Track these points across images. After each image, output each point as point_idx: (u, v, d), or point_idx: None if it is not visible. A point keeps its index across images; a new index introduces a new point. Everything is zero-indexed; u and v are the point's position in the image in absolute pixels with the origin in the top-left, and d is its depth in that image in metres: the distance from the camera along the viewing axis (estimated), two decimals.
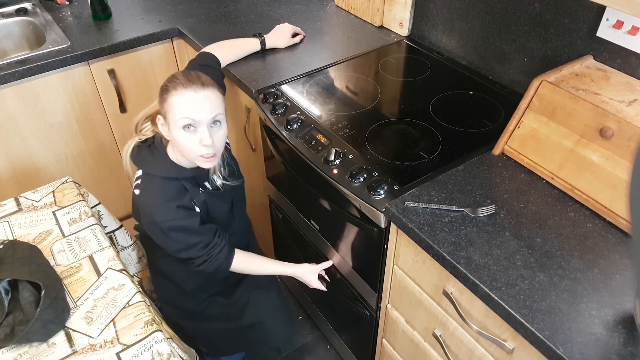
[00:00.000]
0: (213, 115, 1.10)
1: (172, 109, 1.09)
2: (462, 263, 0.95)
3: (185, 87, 1.09)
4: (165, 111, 1.11)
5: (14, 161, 1.75)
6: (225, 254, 1.24)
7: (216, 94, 1.13)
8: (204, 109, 1.09)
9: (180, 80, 1.10)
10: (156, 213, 1.15)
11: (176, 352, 1.07)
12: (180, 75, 1.11)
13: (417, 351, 1.26)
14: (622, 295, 0.89)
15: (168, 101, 1.09)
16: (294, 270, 1.39)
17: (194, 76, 1.11)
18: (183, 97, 1.08)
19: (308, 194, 1.42)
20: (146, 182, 1.18)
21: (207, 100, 1.10)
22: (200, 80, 1.11)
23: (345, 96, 1.45)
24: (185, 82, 1.09)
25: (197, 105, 1.09)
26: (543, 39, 1.31)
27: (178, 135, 1.10)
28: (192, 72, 1.13)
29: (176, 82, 1.10)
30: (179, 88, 1.09)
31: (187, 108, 1.08)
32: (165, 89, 1.10)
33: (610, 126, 1.02)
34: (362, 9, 1.80)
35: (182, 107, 1.08)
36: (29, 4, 1.90)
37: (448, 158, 1.21)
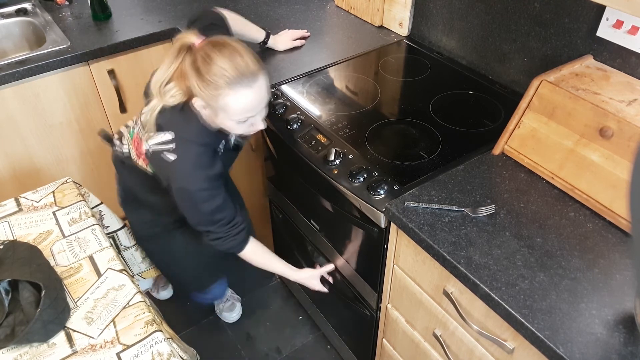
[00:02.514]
0: (266, 102, 1.09)
1: (227, 108, 1.05)
2: (462, 263, 0.95)
3: (240, 84, 1.03)
4: (213, 105, 1.06)
5: (14, 161, 1.75)
6: (242, 238, 1.25)
7: (264, 76, 1.07)
8: (260, 102, 1.07)
9: (230, 74, 1.02)
10: (192, 181, 1.13)
11: (176, 352, 1.07)
12: (227, 63, 1.02)
13: (418, 351, 1.26)
14: (623, 295, 0.89)
15: (219, 100, 1.04)
16: (298, 277, 1.40)
17: (241, 64, 1.03)
18: (239, 98, 1.04)
19: (308, 194, 1.42)
20: (183, 148, 1.13)
21: (261, 90, 1.07)
22: (249, 69, 1.04)
23: (345, 96, 1.45)
24: (237, 77, 1.02)
25: (254, 101, 1.06)
26: (543, 38, 1.31)
27: (230, 124, 1.09)
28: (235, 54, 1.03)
29: (227, 77, 1.02)
30: (234, 86, 1.03)
31: (245, 107, 1.05)
32: (214, 83, 1.02)
33: (610, 126, 1.02)
34: (362, 9, 1.80)
35: (239, 108, 1.05)
36: (28, 4, 1.90)
37: (448, 158, 1.21)
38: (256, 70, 1.05)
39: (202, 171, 1.14)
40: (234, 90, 1.03)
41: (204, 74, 1.03)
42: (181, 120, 1.13)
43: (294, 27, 1.78)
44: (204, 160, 1.14)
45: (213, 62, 1.02)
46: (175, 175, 1.15)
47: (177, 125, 1.13)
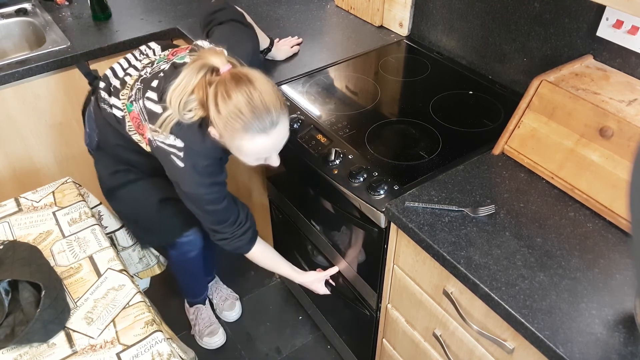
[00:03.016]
0: (284, 143, 1.08)
1: (241, 149, 1.04)
2: (462, 263, 0.95)
3: (257, 131, 1.00)
4: (227, 142, 1.05)
5: (14, 161, 1.75)
6: (248, 239, 1.26)
7: (284, 119, 1.04)
8: (277, 145, 1.07)
9: (248, 119, 0.99)
10: (199, 187, 1.14)
11: (176, 352, 1.07)
12: (247, 107, 0.98)
13: (418, 351, 1.26)
14: (623, 295, 0.89)
15: (234, 141, 1.02)
16: (303, 280, 1.41)
17: (262, 109, 0.99)
18: (254, 143, 1.02)
19: (308, 194, 1.42)
20: (192, 160, 1.12)
21: (279, 135, 1.04)
22: (269, 115, 1.00)
23: (345, 96, 1.45)
24: (255, 123, 0.99)
25: (270, 147, 1.05)
26: (543, 38, 1.31)
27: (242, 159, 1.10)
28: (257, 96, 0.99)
29: (244, 122, 0.99)
30: (250, 132, 1.00)
31: (260, 152, 1.05)
32: (230, 125, 1.00)
33: (610, 126, 1.02)
34: (362, 9, 1.80)
35: (253, 151, 1.05)
36: (28, 4, 1.90)
37: (448, 158, 1.21)
38: (276, 116, 1.02)
39: (209, 179, 1.15)
40: (250, 135, 1.01)
41: (222, 113, 1.00)
42: (196, 134, 1.10)
43: (293, 27, 1.78)
44: (212, 170, 1.15)
45: (232, 102, 0.99)
46: (183, 180, 1.15)
47: (190, 138, 1.11)
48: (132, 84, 1.22)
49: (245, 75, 1.01)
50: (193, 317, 1.88)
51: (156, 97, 1.13)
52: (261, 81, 1.01)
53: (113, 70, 1.28)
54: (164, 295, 1.95)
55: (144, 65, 1.24)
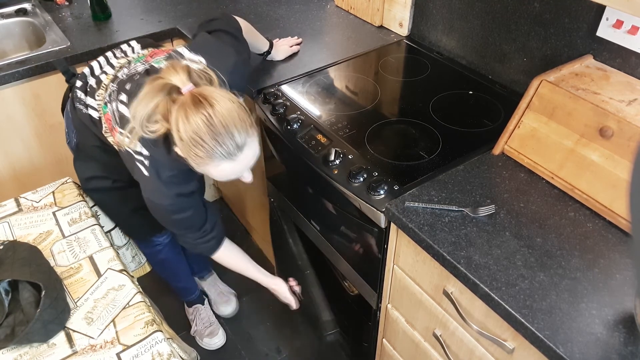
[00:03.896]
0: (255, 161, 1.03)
1: (208, 173, 1.01)
2: (462, 263, 0.95)
3: (221, 159, 0.96)
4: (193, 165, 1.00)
5: (14, 161, 1.75)
6: (211, 246, 1.28)
7: (252, 141, 0.99)
8: (245, 168, 1.02)
9: (210, 147, 0.93)
10: (163, 197, 1.12)
11: (176, 352, 1.07)
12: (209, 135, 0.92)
13: (418, 351, 1.26)
14: (623, 295, 0.89)
15: (200, 166, 0.98)
16: (270, 284, 1.43)
17: (225, 135, 0.93)
18: (220, 169, 0.98)
19: (308, 194, 1.42)
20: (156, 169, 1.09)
21: (246, 159, 1.00)
22: (234, 141, 0.95)
23: (345, 96, 1.45)
24: (218, 152, 0.94)
25: (237, 171, 1.01)
26: (543, 38, 1.31)
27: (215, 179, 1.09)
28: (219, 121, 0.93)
29: (207, 151, 0.94)
30: (214, 160, 0.96)
31: (227, 176, 1.01)
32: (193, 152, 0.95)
33: (610, 126, 1.02)
34: (361, 9, 1.80)
35: (220, 176, 1.01)
36: (28, 4, 1.90)
37: (448, 158, 1.21)
38: (242, 139, 0.96)
39: (175, 189, 1.12)
40: (215, 162, 0.96)
41: (183, 139, 0.94)
42: (160, 147, 1.05)
43: (293, 27, 1.78)
44: (177, 181, 1.12)
45: (191, 128, 0.93)
46: (147, 189, 1.13)
47: (155, 149, 1.07)
48: (107, 84, 1.18)
49: (206, 98, 0.94)
50: (192, 318, 1.88)
51: (127, 101, 1.10)
52: (223, 103, 0.95)
53: (91, 68, 1.26)
54: (165, 295, 1.95)
55: (120, 65, 1.21)
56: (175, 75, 0.96)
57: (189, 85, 0.96)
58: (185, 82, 0.96)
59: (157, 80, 0.97)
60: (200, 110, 0.92)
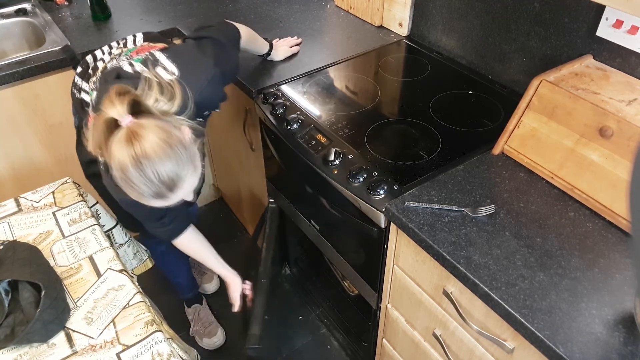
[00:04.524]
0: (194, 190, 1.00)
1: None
2: (462, 263, 0.95)
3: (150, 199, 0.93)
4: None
5: (14, 161, 1.75)
6: (169, 235, 1.30)
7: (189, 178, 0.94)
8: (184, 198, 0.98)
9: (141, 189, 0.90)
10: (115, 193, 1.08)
11: (176, 352, 1.07)
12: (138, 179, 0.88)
13: (418, 351, 1.26)
14: (623, 295, 0.89)
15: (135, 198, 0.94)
16: (225, 274, 1.42)
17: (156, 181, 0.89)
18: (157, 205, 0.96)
19: (308, 194, 1.42)
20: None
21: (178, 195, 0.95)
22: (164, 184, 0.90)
23: (345, 96, 1.45)
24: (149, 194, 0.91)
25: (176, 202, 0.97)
26: (543, 38, 1.31)
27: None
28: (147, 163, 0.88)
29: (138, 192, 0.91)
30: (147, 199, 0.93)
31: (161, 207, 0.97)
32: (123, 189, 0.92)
33: (610, 125, 1.02)
34: (361, 9, 1.80)
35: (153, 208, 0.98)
36: (28, 4, 1.90)
37: (448, 158, 1.21)
38: (173, 182, 0.91)
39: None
40: (149, 201, 0.94)
41: (115, 175, 0.91)
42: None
43: (293, 27, 1.78)
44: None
45: (122, 169, 0.89)
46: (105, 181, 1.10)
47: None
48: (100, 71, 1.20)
49: (142, 135, 0.88)
50: (192, 318, 1.88)
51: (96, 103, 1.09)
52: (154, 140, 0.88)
53: (94, 56, 1.28)
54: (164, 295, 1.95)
55: (113, 56, 1.24)
56: (113, 109, 0.90)
57: (128, 118, 0.90)
58: (123, 115, 0.89)
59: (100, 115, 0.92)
60: (130, 147, 0.88)
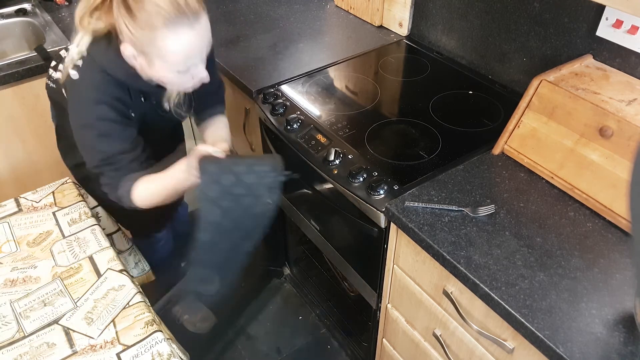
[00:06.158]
0: (209, 49, 0.97)
1: (165, 53, 0.93)
2: (462, 263, 0.95)
3: (180, 24, 0.90)
4: (148, 51, 0.93)
5: (14, 162, 1.75)
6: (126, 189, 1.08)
7: (206, 15, 0.95)
8: (201, 46, 0.95)
9: (168, 11, 0.88)
10: (93, 107, 1.01)
11: (176, 352, 1.07)
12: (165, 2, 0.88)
13: (418, 351, 1.26)
14: (623, 295, 0.89)
15: (156, 43, 0.91)
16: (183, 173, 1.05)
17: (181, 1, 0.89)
18: (179, 39, 0.91)
19: (308, 194, 1.42)
20: (89, 68, 1.00)
21: (203, 31, 0.94)
22: (190, 6, 0.90)
23: (345, 96, 1.45)
24: (177, 15, 0.89)
25: (197, 44, 0.94)
26: (542, 38, 1.31)
27: (169, 77, 0.97)
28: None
29: (164, 16, 0.88)
30: (173, 26, 0.89)
31: (187, 51, 0.94)
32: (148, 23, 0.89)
33: (610, 125, 1.02)
34: (361, 9, 1.80)
35: (180, 51, 0.93)
36: (28, 4, 1.90)
37: (448, 158, 1.21)
38: (198, 8, 0.92)
39: (106, 97, 1.00)
40: (173, 31, 0.90)
41: (136, 12, 0.88)
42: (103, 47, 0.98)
43: (293, 27, 1.78)
44: (112, 90, 1.01)
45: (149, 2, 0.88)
46: (75, 99, 1.03)
47: (97, 50, 0.99)
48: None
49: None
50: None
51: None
52: None
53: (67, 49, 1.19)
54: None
55: None
56: None
57: None
58: None
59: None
60: None
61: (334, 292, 1.76)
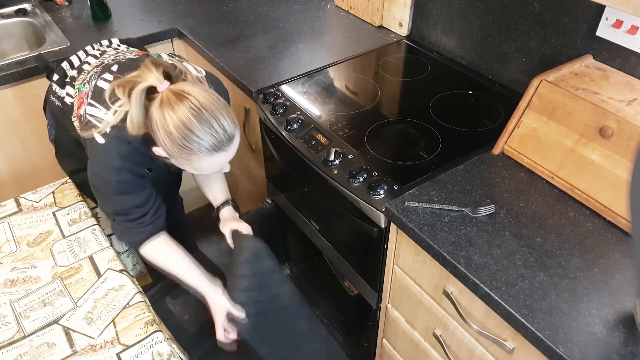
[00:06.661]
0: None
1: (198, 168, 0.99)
2: (462, 263, 0.95)
3: (217, 151, 0.95)
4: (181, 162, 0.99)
5: (14, 162, 1.75)
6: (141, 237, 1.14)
7: (238, 132, 0.99)
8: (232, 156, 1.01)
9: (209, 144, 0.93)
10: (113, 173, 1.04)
11: (176, 352, 1.07)
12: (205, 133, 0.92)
13: (418, 351, 1.26)
14: (623, 295, 0.89)
15: (191, 162, 0.97)
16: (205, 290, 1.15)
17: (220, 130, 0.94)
18: (213, 161, 0.97)
19: (308, 194, 1.42)
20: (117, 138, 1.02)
21: (234, 148, 0.99)
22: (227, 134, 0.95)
23: (345, 96, 1.45)
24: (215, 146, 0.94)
25: (227, 159, 1.01)
26: (543, 38, 1.31)
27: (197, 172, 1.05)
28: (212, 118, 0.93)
29: (205, 148, 0.94)
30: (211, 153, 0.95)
31: (218, 167, 1.00)
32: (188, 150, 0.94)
33: (610, 125, 1.02)
34: (361, 9, 1.80)
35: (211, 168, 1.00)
36: (28, 4, 1.90)
37: (448, 158, 1.21)
38: (233, 132, 0.97)
39: (129, 164, 1.05)
40: (210, 156, 0.96)
41: (178, 141, 0.93)
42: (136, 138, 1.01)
43: (293, 27, 1.78)
44: (135, 157, 1.06)
45: (190, 131, 0.92)
46: (97, 159, 1.06)
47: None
48: (91, 69, 1.16)
49: (186, 92, 0.93)
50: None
51: (112, 78, 1.07)
52: (204, 95, 0.94)
53: (70, 62, 1.24)
54: None
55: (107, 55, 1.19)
56: (150, 75, 0.94)
57: (166, 83, 0.95)
58: (162, 80, 0.94)
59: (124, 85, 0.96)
60: (184, 102, 0.92)
61: (334, 292, 1.76)
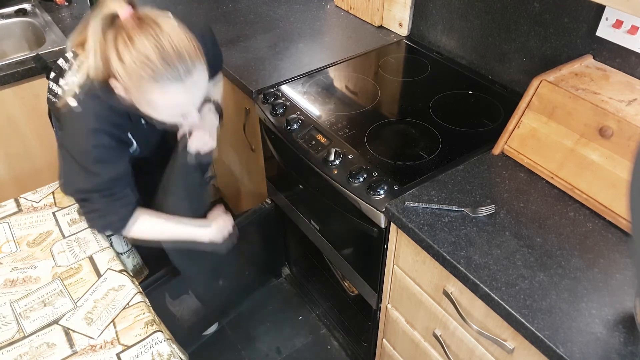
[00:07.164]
0: (202, 99, 0.94)
1: (152, 104, 0.91)
2: (462, 263, 0.95)
3: (169, 79, 0.87)
4: (136, 97, 0.91)
5: (14, 162, 1.75)
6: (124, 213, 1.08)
7: (201, 66, 0.91)
8: (195, 98, 0.93)
9: (157, 65, 0.85)
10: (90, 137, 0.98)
11: (176, 352, 1.07)
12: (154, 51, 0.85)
13: (418, 351, 1.26)
14: (623, 295, 0.89)
15: (144, 95, 0.89)
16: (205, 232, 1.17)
17: (171, 52, 0.86)
18: (167, 94, 0.89)
19: (308, 194, 1.42)
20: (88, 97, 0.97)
21: (195, 85, 0.91)
22: (182, 59, 0.87)
23: (345, 96, 1.45)
24: (165, 69, 0.86)
25: (186, 98, 0.91)
26: (542, 38, 1.31)
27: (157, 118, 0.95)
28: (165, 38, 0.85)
29: (152, 70, 0.86)
30: (161, 81, 0.86)
31: (175, 105, 0.91)
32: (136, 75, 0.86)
33: (610, 125, 1.02)
34: (361, 9, 1.80)
35: (167, 105, 0.91)
36: (28, 4, 1.90)
37: (448, 158, 1.21)
38: (191, 61, 0.89)
39: (105, 125, 0.98)
40: (161, 85, 0.87)
41: (125, 61, 0.86)
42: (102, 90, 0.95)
43: (293, 27, 1.78)
44: (112, 117, 0.99)
45: (136, 47, 0.85)
46: (73, 127, 1.00)
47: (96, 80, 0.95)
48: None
49: (151, 16, 0.87)
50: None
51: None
52: (171, 25, 0.88)
53: (65, 58, 1.19)
54: None
55: None
56: (113, 2, 0.88)
57: (128, 8, 0.87)
58: (124, 6, 0.87)
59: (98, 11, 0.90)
60: (143, 27, 0.86)
61: (334, 292, 1.76)
